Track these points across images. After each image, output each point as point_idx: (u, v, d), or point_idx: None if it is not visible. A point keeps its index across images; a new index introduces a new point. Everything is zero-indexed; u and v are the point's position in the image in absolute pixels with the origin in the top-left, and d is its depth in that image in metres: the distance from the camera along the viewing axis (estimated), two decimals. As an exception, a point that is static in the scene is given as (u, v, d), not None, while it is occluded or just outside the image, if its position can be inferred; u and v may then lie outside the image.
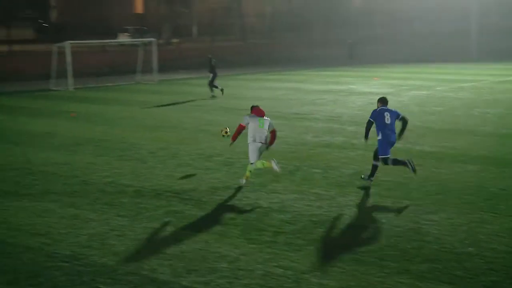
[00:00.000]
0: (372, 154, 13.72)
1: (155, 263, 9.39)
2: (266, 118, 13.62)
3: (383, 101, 13.66)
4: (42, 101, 28.90)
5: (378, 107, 13.62)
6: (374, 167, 13.63)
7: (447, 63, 50.86)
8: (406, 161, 13.32)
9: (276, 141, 13.95)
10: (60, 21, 50.19)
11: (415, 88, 33.00)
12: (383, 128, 13.23)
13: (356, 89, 32.52)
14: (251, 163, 13.50)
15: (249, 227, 10.97)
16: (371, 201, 12.55)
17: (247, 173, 13.72)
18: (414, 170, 13.29)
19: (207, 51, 50.49)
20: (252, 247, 10.05)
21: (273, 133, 13.65)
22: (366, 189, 13.35)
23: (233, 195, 12.99)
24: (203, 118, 22.77)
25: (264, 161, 13.39)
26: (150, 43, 39.23)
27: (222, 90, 29.43)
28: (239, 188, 13.46)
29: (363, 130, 13.73)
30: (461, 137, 18.92)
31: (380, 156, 13.42)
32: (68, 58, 34.00)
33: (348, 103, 27.18)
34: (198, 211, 11.93)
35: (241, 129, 13.70)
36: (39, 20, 66.63)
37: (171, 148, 17.70)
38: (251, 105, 14.08)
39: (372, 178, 13.65)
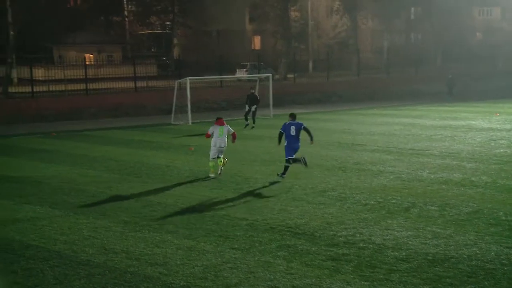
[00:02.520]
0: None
1: (267, 297, 9.45)
2: (225, 125, 18.73)
3: (292, 116, 18.15)
4: (163, 135, 29.99)
5: (288, 121, 17.91)
6: (286, 168, 17.92)
7: None
8: (300, 158, 17.79)
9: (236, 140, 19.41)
10: (182, 58, 52.00)
11: (540, 123, 31.52)
12: (289, 138, 17.80)
13: (476, 125, 31.46)
14: (212, 158, 18.50)
15: (362, 264, 10.84)
16: (490, 240, 12.05)
17: (211, 169, 18.48)
18: (305, 164, 17.93)
19: (321, 86, 50.77)
20: (365, 284, 9.92)
21: (233, 135, 18.99)
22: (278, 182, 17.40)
23: (346, 231, 12.88)
24: (317, 153, 22.78)
25: (221, 162, 18.60)
26: (266, 78, 39.86)
27: (247, 126, 31.73)
28: (352, 224, 13.36)
29: (484, 167, 13.54)
30: None
31: (286, 158, 17.82)
32: (188, 94, 35.16)
33: (467, 139, 26.34)
34: (310, 246, 11.93)
35: (208, 136, 18.87)
36: (163, 58, 69.49)
37: (285, 183, 17.83)
38: (216, 117, 19.02)
39: (283, 176, 17.73)
